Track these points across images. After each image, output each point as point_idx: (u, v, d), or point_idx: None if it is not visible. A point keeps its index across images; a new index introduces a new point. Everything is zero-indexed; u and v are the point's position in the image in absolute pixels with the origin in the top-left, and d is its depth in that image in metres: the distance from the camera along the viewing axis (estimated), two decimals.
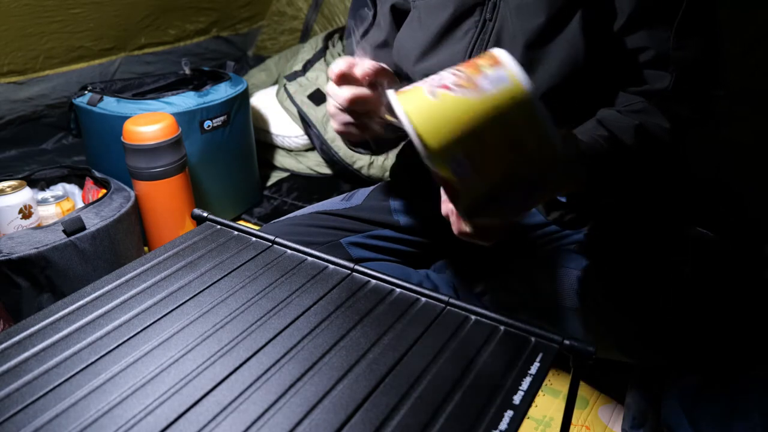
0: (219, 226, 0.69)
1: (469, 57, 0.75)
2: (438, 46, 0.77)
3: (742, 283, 0.69)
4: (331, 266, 0.62)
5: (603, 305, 0.75)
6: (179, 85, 1.56)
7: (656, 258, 0.71)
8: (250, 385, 0.46)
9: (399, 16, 0.83)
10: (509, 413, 0.43)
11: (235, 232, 0.68)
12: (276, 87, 1.85)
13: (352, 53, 0.86)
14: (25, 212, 1.12)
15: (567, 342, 0.49)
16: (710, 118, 0.73)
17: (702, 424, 0.68)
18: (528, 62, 0.71)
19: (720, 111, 1.09)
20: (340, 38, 1.87)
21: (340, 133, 0.69)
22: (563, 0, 0.68)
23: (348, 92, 0.60)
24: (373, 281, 0.59)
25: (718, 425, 0.67)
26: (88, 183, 1.26)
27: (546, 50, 0.71)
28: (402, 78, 0.78)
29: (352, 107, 0.61)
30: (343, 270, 0.61)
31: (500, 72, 0.46)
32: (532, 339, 0.50)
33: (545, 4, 0.69)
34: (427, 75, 0.80)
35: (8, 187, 1.11)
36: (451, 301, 0.55)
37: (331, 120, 0.67)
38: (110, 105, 1.34)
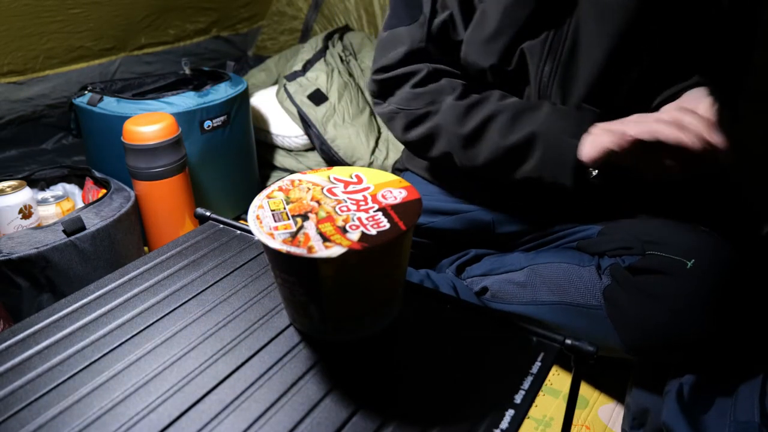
0: (221, 226, 0.70)
1: (547, 53, 0.76)
2: (512, 44, 0.77)
3: (741, 282, 0.70)
4: None
5: (609, 299, 0.75)
6: (179, 85, 1.56)
7: (665, 254, 0.72)
8: (252, 384, 0.46)
9: (468, 10, 0.81)
10: (510, 412, 0.43)
11: (238, 232, 0.68)
12: (276, 87, 1.85)
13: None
14: (25, 212, 1.11)
15: (568, 341, 0.49)
16: None
17: (701, 424, 0.69)
18: (609, 65, 0.73)
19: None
20: (340, 38, 1.87)
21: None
22: (642, 2, 0.69)
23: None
24: None
25: (717, 425, 0.68)
26: (88, 183, 1.26)
27: (626, 53, 0.72)
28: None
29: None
30: None
31: None
32: (534, 338, 0.51)
33: (624, 7, 0.69)
34: (506, 67, 0.80)
35: (8, 187, 1.11)
36: (453, 301, 0.55)
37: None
38: (110, 105, 1.34)
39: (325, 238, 0.45)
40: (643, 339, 0.71)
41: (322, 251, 0.43)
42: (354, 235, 0.45)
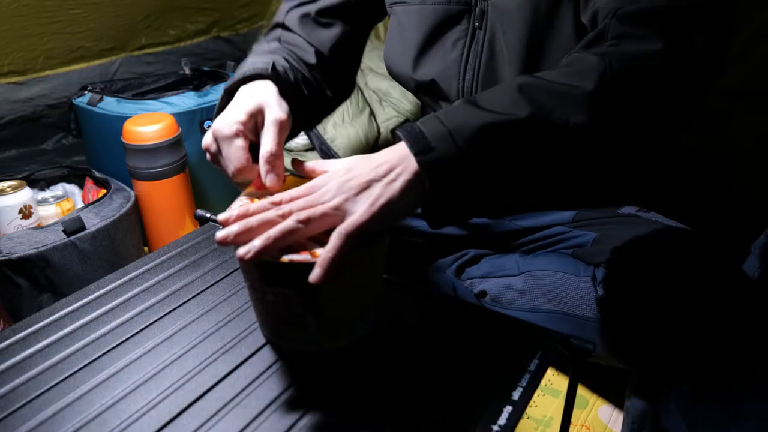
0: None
1: (464, 68, 0.75)
2: (427, 56, 0.77)
3: (740, 287, 0.69)
4: None
5: (603, 311, 0.75)
6: (179, 85, 1.56)
7: (658, 267, 0.71)
8: (252, 382, 0.46)
9: None
10: (508, 409, 0.43)
11: None
12: None
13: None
14: (25, 212, 1.12)
15: (566, 340, 0.49)
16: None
17: (701, 429, 0.69)
18: (525, 71, 0.72)
19: (720, 111, 1.10)
20: None
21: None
22: (548, 1, 0.67)
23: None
24: None
25: (717, 429, 0.67)
26: (88, 183, 1.26)
27: (541, 55, 0.71)
28: None
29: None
30: None
31: None
32: (531, 337, 0.51)
33: (530, 8, 0.68)
34: (426, 81, 0.79)
35: (8, 187, 1.11)
36: (453, 300, 0.56)
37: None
38: (110, 105, 1.35)
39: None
40: (636, 354, 0.72)
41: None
42: None
